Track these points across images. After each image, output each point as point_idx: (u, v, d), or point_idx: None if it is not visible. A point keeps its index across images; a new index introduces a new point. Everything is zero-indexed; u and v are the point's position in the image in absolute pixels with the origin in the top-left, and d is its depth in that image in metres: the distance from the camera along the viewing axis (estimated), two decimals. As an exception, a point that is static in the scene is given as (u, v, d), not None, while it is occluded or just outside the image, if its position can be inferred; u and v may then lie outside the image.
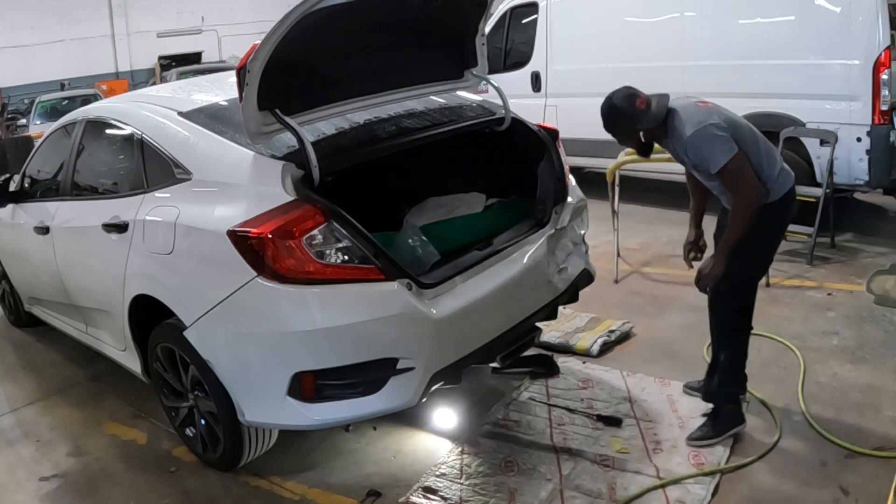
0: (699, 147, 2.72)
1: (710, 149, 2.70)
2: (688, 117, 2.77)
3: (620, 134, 2.92)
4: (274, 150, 2.78)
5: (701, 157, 2.75)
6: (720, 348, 3.07)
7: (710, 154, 2.71)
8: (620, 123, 2.86)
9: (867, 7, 4.90)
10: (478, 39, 3.40)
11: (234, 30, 21.06)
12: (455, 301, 2.77)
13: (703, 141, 2.70)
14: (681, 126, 2.77)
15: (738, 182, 2.73)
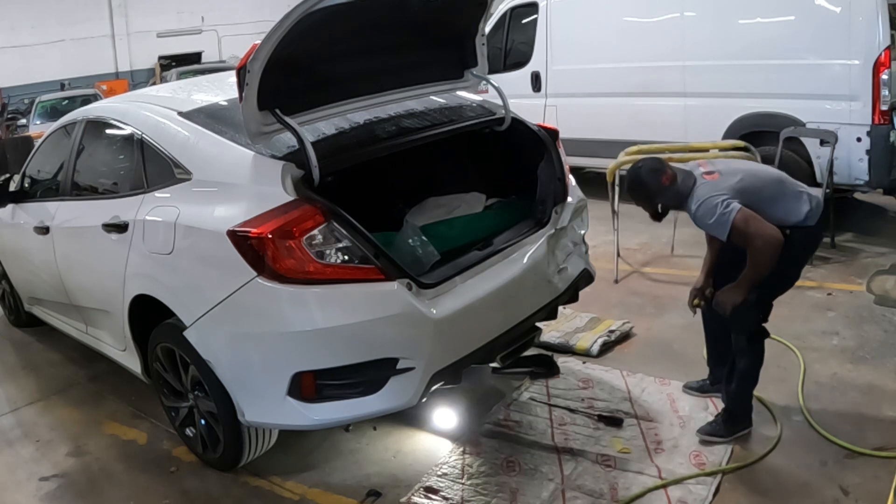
0: (704, 221, 2.84)
1: (712, 220, 2.80)
2: (695, 191, 2.89)
3: (640, 202, 3.03)
4: (274, 150, 2.77)
5: (708, 227, 2.85)
6: (740, 355, 3.05)
7: (715, 225, 2.80)
8: (642, 193, 2.98)
9: (867, 7, 4.90)
10: (478, 39, 3.40)
11: (234, 30, 21.07)
12: (455, 301, 2.77)
13: (706, 216, 2.81)
14: (688, 202, 2.90)
15: (748, 237, 2.78)
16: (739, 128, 5.64)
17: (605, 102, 6.64)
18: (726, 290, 2.93)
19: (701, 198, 2.83)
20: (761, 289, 2.89)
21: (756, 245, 2.78)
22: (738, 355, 3.04)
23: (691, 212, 2.88)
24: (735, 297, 2.88)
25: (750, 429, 3.08)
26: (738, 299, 2.87)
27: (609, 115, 6.58)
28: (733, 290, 2.90)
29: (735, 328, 3.02)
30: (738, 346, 3.04)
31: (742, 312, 2.94)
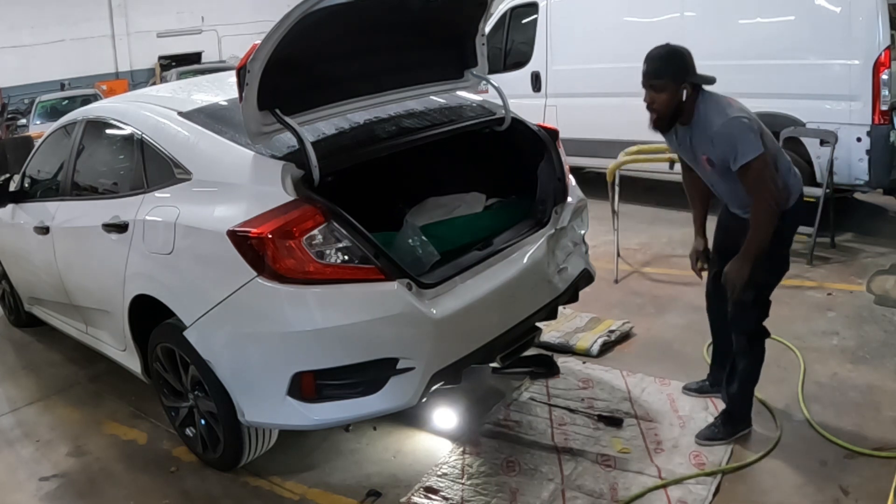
0: (729, 137, 2.62)
1: (740, 141, 2.60)
2: (718, 106, 2.69)
3: (668, 77, 2.68)
4: (274, 150, 2.78)
5: (727, 149, 2.63)
6: (741, 356, 3.00)
7: (740, 146, 2.60)
8: (674, 65, 2.70)
9: (867, 7, 4.90)
10: (478, 39, 3.40)
11: (234, 30, 21.07)
12: (455, 301, 2.77)
13: (734, 131, 2.61)
14: (710, 113, 2.68)
15: (761, 183, 2.64)
16: (739, 128, 5.64)
17: (605, 102, 6.64)
18: (732, 265, 2.79)
19: (729, 113, 2.63)
20: (758, 286, 2.83)
21: (765, 196, 2.63)
22: (739, 356, 3.01)
23: (712, 125, 2.64)
24: (743, 270, 2.75)
25: (750, 429, 3.08)
26: (745, 272, 2.74)
27: (609, 115, 6.58)
28: (740, 262, 2.76)
29: (736, 328, 2.99)
30: (739, 347, 3.00)
31: (742, 311, 2.90)
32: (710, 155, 2.75)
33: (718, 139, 2.64)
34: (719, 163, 2.73)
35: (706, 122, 2.68)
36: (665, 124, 2.80)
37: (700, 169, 2.93)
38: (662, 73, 2.70)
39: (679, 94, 2.69)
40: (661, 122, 2.79)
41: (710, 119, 2.67)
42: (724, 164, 2.71)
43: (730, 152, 2.63)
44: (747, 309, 2.90)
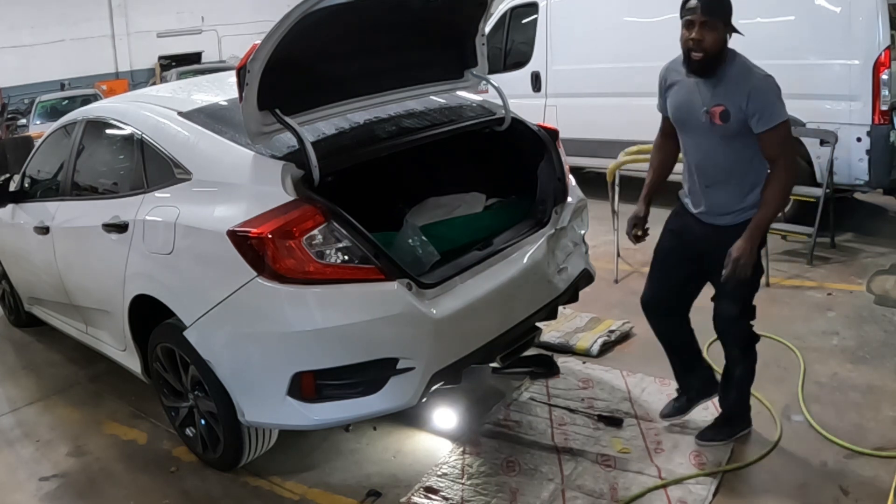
0: (768, 93, 2.53)
1: (778, 99, 2.55)
2: (749, 63, 2.62)
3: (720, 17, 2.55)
4: (274, 150, 2.78)
5: (762, 106, 2.52)
6: (734, 364, 2.96)
7: (777, 105, 2.54)
8: (727, 5, 2.59)
9: (867, 7, 4.90)
10: (478, 39, 3.40)
11: (234, 30, 21.07)
12: (455, 301, 2.77)
13: (775, 88, 2.54)
14: (748, 71, 2.58)
15: (789, 147, 2.58)
16: (739, 128, 5.64)
17: (605, 102, 6.64)
18: (738, 247, 2.59)
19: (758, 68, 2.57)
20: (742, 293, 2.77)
21: (789, 163, 2.56)
22: (733, 365, 2.96)
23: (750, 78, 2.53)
24: (753, 251, 2.59)
25: (750, 429, 3.07)
26: (755, 253, 2.61)
27: (609, 115, 6.58)
28: (748, 242, 2.58)
29: (727, 341, 2.94)
30: (732, 358, 2.95)
31: (732, 324, 2.85)
32: (731, 108, 2.57)
33: (757, 93, 2.52)
34: (737, 120, 2.57)
35: (741, 73, 2.56)
36: (708, 67, 2.58)
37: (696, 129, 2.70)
38: (717, 12, 2.53)
39: (725, 35, 2.57)
40: (705, 63, 2.57)
41: (748, 71, 2.56)
42: (742, 123, 2.56)
43: (764, 109, 2.52)
44: (736, 321, 2.85)
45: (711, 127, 2.63)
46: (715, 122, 2.61)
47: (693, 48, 2.56)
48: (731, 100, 2.56)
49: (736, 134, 2.60)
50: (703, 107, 2.63)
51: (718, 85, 2.59)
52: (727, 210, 2.74)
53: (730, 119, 2.58)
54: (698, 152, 2.75)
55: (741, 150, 2.64)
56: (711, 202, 2.77)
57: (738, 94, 2.54)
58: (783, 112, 2.54)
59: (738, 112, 2.55)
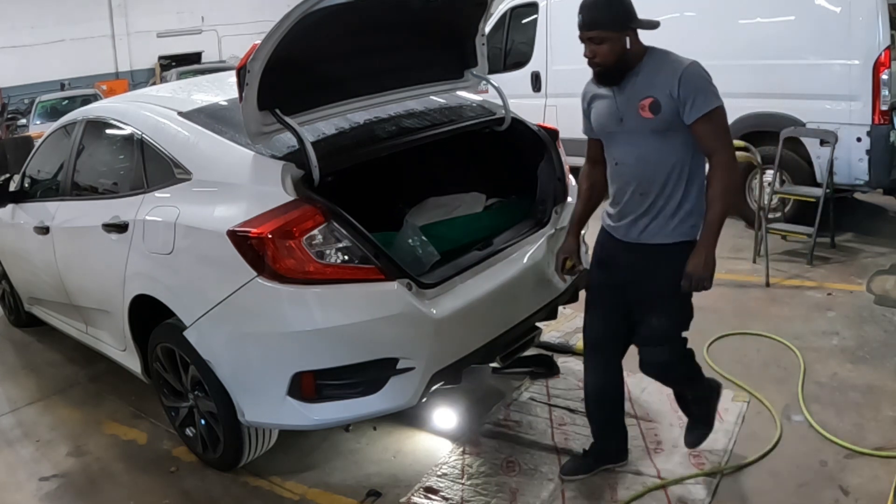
0: (699, 79, 2.34)
1: (710, 85, 2.35)
2: (677, 55, 2.44)
3: (606, 27, 2.37)
4: (274, 150, 2.78)
5: (694, 91, 2.32)
6: (684, 389, 2.84)
7: (711, 89, 2.34)
8: (612, 12, 2.38)
9: (867, 7, 4.90)
10: (478, 39, 3.40)
11: (234, 30, 21.08)
12: (455, 301, 2.77)
13: (705, 74, 2.36)
14: (671, 59, 2.41)
15: (725, 136, 2.36)
16: (739, 128, 5.63)
17: (604, 102, 6.63)
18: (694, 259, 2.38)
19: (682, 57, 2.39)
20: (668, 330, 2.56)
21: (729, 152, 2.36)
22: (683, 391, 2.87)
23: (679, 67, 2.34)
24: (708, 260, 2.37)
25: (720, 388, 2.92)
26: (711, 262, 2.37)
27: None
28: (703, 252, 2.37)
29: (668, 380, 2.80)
30: (679, 388, 2.87)
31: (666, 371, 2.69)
32: (661, 97, 2.36)
33: (688, 78, 2.32)
34: (669, 110, 2.35)
35: (664, 62, 2.40)
36: (614, 76, 2.44)
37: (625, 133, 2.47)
38: (600, 23, 2.38)
39: (622, 42, 2.37)
40: (608, 74, 2.44)
41: (673, 59, 2.40)
42: (674, 113, 2.35)
43: (697, 94, 2.31)
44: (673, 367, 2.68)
45: (641, 123, 2.41)
46: (645, 116, 2.39)
47: (590, 64, 2.49)
48: (659, 89, 2.36)
49: (668, 128, 2.38)
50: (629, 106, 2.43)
51: (640, 80, 2.41)
52: (662, 224, 2.47)
53: (661, 109, 2.36)
54: (630, 157, 2.49)
55: (677, 149, 2.41)
56: (645, 216, 2.49)
57: (666, 82, 2.35)
58: (716, 98, 2.34)
59: (668, 100, 2.35)
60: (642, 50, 2.43)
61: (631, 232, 2.53)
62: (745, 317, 4.20)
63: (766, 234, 4.91)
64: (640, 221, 2.49)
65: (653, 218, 2.47)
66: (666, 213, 2.45)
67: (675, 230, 2.47)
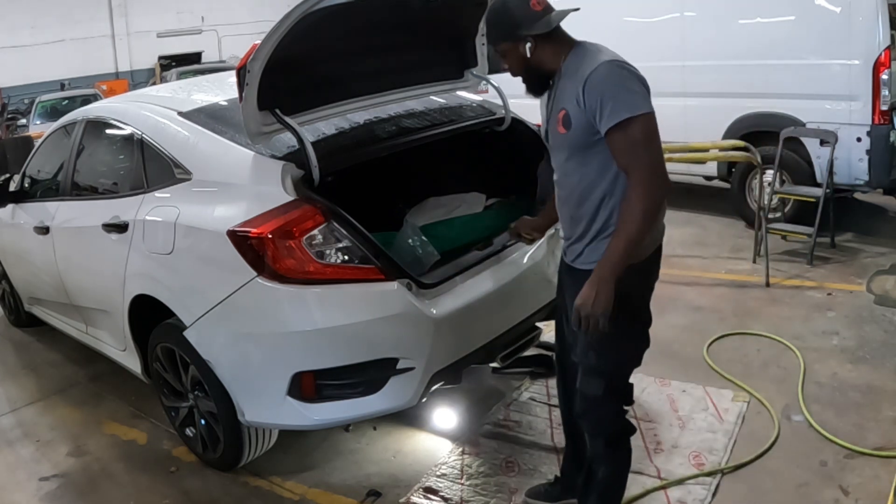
0: (605, 82, 1.95)
1: (621, 89, 1.94)
2: (599, 52, 2.06)
3: (498, 40, 2.15)
4: (274, 150, 2.78)
5: (602, 96, 1.94)
6: (598, 462, 2.31)
7: (621, 94, 1.93)
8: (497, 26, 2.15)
9: (867, 7, 4.90)
10: (478, 39, 3.40)
11: (234, 30, 21.09)
12: (455, 301, 2.77)
13: (614, 76, 1.96)
14: (585, 58, 2.05)
15: (644, 149, 1.93)
16: (739, 128, 5.65)
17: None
18: (585, 290, 2.00)
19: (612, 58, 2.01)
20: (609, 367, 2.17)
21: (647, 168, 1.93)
22: (595, 462, 2.33)
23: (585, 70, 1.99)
24: (599, 294, 1.97)
25: None
26: (603, 298, 1.97)
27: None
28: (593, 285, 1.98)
29: (587, 428, 2.31)
30: (594, 452, 2.31)
31: (592, 406, 2.22)
32: (569, 109, 2.04)
33: (594, 81, 1.96)
34: (580, 124, 2.02)
35: (576, 63, 2.06)
36: (533, 86, 2.23)
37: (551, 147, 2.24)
38: (491, 38, 2.21)
39: (522, 52, 2.12)
40: (528, 85, 2.23)
41: (587, 58, 2.05)
42: (586, 126, 2.01)
43: (604, 100, 1.94)
44: (599, 403, 2.20)
45: (558, 139, 2.15)
46: (559, 131, 2.11)
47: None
48: (567, 99, 2.05)
49: (584, 144, 2.05)
50: (549, 119, 2.19)
51: (560, 88, 2.12)
52: (594, 248, 2.15)
53: (572, 124, 2.04)
54: (557, 174, 2.24)
55: (601, 167, 2.06)
56: (578, 240, 2.21)
57: (572, 89, 2.03)
58: (634, 104, 1.94)
59: (577, 112, 2.02)
60: (564, 50, 2.13)
61: (568, 254, 2.27)
62: (745, 317, 4.20)
63: (766, 234, 4.91)
64: (575, 245, 2.22)
65: (586, 243, 2.17)
66: (599, 236, 2.13)
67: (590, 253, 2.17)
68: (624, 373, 2.25)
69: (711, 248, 5.45)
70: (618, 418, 2.27)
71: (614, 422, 2.27)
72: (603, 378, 2.18)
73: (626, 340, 2.17)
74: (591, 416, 2.26)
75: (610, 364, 2.18)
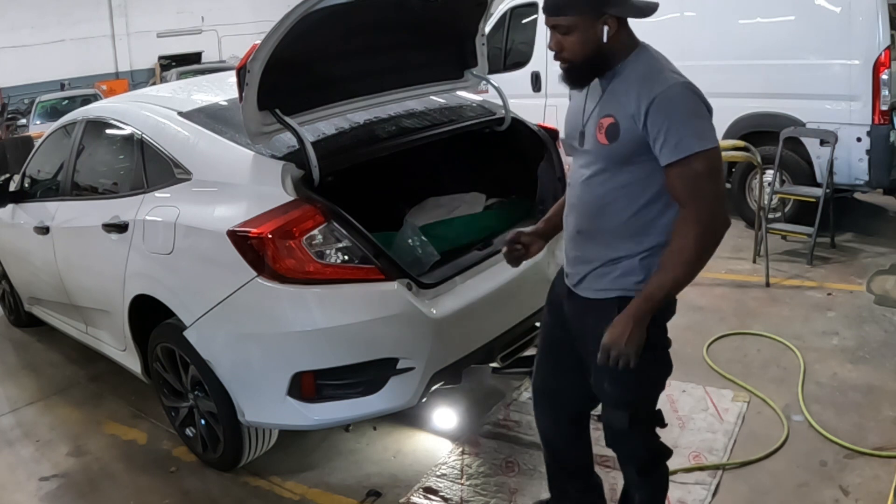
0: (678, 106, 1.75)
1: (694, 117, 1.76)
2: (666, 66, 1.84)
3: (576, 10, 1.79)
4: (274, 150, 2.78)
5: (670, 124, 1.75)
6: (633, 488, 2.24)
7: (693, 123, 1.75)
8: None
9: (867, 7, 4.90)
10: (478, 39, 3.40)
11: (234, 30, 21.07)
12: (455, 301, 2.77)
13: (689, 102, 1.77)
14: (653, 69, 1.82)
15: (708, 184, 1.76)
16: (739, 128, 5.64)
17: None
18: (615, 328, 1.86)
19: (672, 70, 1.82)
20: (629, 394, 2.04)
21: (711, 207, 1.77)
22: (632, 488, 2.26)
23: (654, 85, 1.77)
24: (634, 335, 1.85)
25: None
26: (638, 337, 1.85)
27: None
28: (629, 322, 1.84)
29: (620, 457, 2.21)
30: (630, 479, 2.24)
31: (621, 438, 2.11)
32: (620, 120, 1.82)
33: (662, 104, 1.75)
34: (630, 139, 1.82)
35: (643, 74, 1.82)
36: (583, 75, 1.89)
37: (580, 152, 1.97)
38: (567, 5, 1.80)
39: (598, 33, 1.80)
40: (575, 73, 1.89)
41: (655, 72, 1.81)
42: (636, 144, 1.82)
43: (671, 130, 1.75)
44: (626, 435, 2.10)
45: (595, 147, 1.90)
46: (599, 141, 1.88)
47: (557, 59, 1.90)
48: (623, 108, 1.83)
49: (626, 162, 1.86)
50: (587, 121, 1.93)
51: (613, 91, 1.87)
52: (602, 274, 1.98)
53: (618, 136, 1.83)
54: (578, 182, 2.00)
55: (634, 189, 1.88)
56: (584, 262, 2.01)
57: (632, 101, 1.81)
58: (705, 137, 1.76)
59: (630, 126, 1.81)
60: (630, 45, 1.87)
61: (570, 276, 2.07)
62: (745, 317, 4.20)
63: (766, 234, 4.91)
64: (579, 266, 2.03)
65: (593, 267, 1.98)
66: (608, 262, 1.96)
67: (615, 281, 1.96)
68: (649, 401, 2.13)
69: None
70: (647, 447, 2.16)
71: (645, 451, 2.17)
72: (627, 410, 2.06)
73: (649, 369, 1.99)
74: (622, 448, 2.18)
75: (632, 394, 2.06)
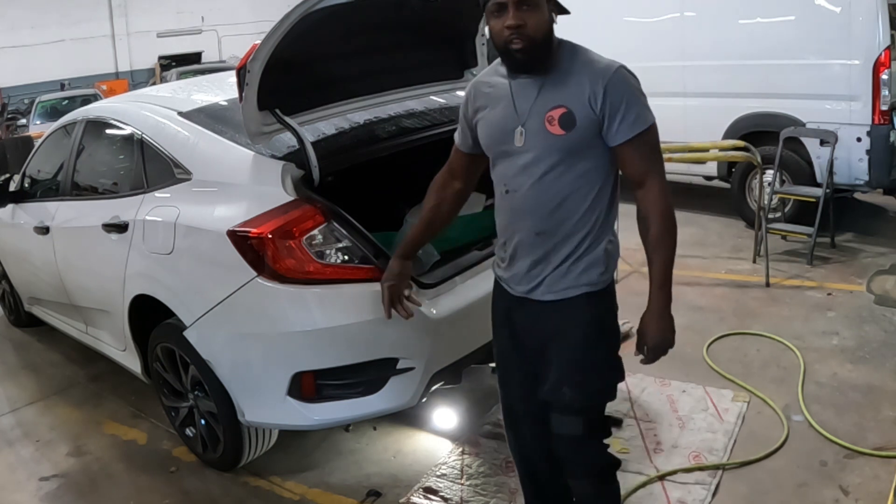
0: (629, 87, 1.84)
1: (640, 96, 1.87)
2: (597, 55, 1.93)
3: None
4: (274, 150, 2.78)
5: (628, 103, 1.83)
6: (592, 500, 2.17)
7: (641, 101, 1.86)
8: None
9: (867, 7, 4.90)
10: (478, 39, 3.40)
11: (234, 30, 21.09)
12: (455, 301, 2.77)
13: (633, 82, 1.86)
14: (591, 57, 1.89)
15: (660, 156, 1.90)
16: (739, 128, 5.65)
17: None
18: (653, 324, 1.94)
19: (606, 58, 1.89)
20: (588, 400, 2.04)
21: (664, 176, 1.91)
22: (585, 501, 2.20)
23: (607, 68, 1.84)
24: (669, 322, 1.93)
25: None
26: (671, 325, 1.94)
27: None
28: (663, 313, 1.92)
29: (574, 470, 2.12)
30: (583, 493, 2.16)
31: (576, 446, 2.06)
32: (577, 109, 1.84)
33: (617, 86, 1.82)
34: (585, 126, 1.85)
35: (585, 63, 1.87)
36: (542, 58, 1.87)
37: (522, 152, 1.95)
38: None
39: (550, 18, 1.88)
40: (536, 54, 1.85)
41: (596, 60, 1.88)
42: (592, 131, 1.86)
43: (630, 107, 1.83)
44: (580, 442, 2.05)
45: (547, 141, 1.87)
46: (552, 133, 1.86)
47: (511, 38, 1.84)
48: (575, 99, 1.84)
49: (579, 149, 1.87)
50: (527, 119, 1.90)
51: (553, 83, 1.88)
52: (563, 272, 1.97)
53: (575, 125, 1.84)
54: (526, 184, 1.97)
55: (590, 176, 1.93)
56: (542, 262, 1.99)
57: (585, 90, 1.83)
58: (650, 112, 1.87)
59: (587, 114, 1.83)
60: (560, 42, 1.92)
61: (524, 283, 2.03)
62: (745, 317, 4.20)
63: (766, 234, 4.91)
64: (536, 269, 1.99)
65: (554, 266, 1.96)
66: (570, 258, 1.96)
67: (579, 277, 1.97)
68: (602, 406, 2.12)
69: (711, 248, 5.45)
70: (602, 455, 2.11)
71: (602, 458, 2.11)
72: (583, 416, 2.02)
73: (607, 371, 2.06)
74: (577, 458, 2.08)
75: (591, 400, 2.05)
